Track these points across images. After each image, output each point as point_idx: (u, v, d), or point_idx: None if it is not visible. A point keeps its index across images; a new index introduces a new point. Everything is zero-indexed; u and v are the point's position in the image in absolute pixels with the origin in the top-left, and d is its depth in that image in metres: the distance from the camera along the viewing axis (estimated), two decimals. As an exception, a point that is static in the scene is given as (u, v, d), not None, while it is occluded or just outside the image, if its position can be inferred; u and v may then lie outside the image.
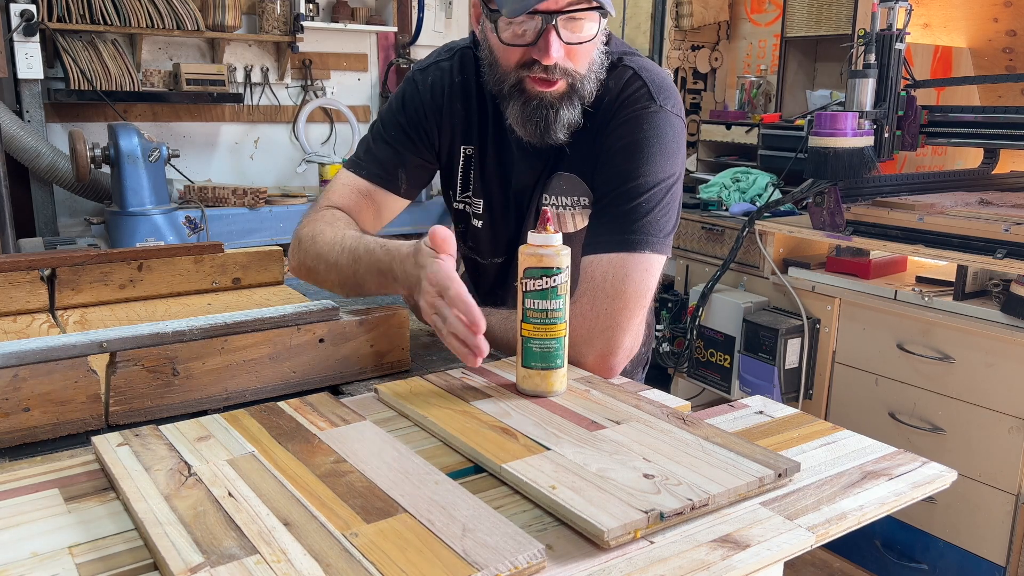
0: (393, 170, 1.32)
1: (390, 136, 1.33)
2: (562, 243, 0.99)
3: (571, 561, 0.70)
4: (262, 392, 1.08)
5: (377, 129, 1.35)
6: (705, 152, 3.34)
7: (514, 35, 1.10)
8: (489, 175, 1.32)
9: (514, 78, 1.14)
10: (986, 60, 3.02)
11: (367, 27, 4.03)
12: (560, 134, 1.17)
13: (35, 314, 1.36)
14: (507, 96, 1.17)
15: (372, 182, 1.32)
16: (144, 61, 3.58)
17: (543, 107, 1.14)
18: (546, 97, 1.14)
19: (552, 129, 1.16)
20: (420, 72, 1.33)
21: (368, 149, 1.35)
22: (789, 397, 2.49)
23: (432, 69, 1.32)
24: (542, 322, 0.99)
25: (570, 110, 1.15)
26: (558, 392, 1.02)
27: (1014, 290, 2.01)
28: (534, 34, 1.09)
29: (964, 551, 2.16)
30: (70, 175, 3.13)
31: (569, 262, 0.99)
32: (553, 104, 1.14)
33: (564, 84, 1.14)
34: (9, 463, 0.89)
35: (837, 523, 0.77)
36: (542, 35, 1.08)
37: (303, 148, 3.99)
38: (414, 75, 1.34)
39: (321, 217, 1.29)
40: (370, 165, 1.33)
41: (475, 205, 1.36)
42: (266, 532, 0.70)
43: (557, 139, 1.18)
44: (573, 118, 1.16)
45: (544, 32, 1.08)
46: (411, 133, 1.32)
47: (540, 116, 1.15)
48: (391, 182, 1.33)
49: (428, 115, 1.30)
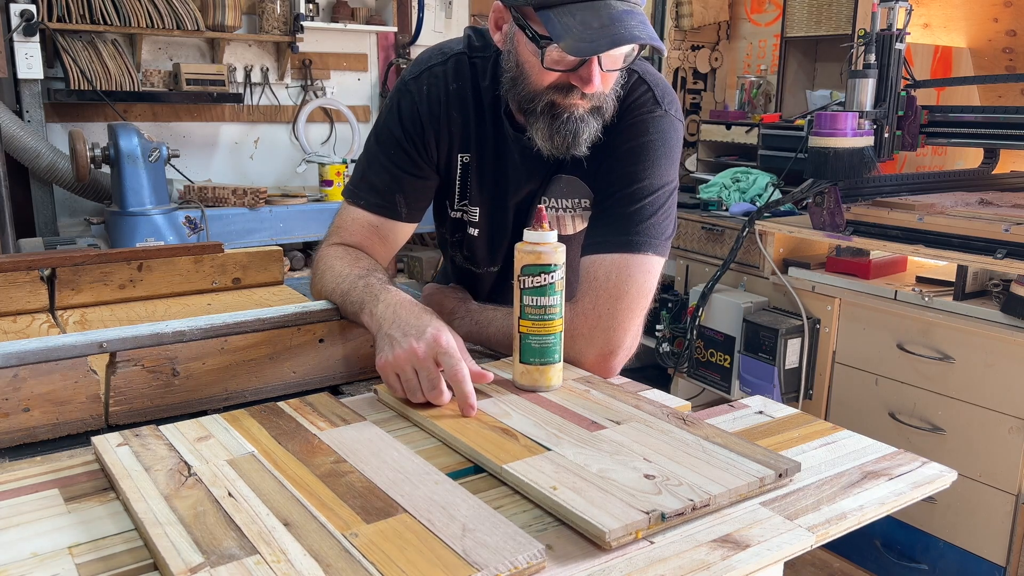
0: (391, 197, 1.27)
1: (387, 157, 1.27)
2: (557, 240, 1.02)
3: (571, 561, 0.70)
4: (262, 392, 1.08)
5: (373, 150, 1.30)
6: (705, 152, 3.34)
7: (553, 60, 1.09)
8: (487, 183, 1.30)
9: (546, 99, 1.14)
10: (986, 60, 3.02)
11: (367, 27, 4.03)
12: (584, 147, 1.17)
13: (35, 314, 1.36)
14: (535, 112, 1.16)
15: (373, 212, 1.28)
16: (144, 61, 3.58)
17: (572, 121, 1.14)
18: (576, 112, 1.14)
19: (578, 143, 1.16)
20: (413, 81, 1.27)
21: (364, 175, 1.29)
22: (789, 397, 2.49)
23: (426, 76, 1.26)
24: (539, 318, 1.02)
25: (594, 126, 1.16)
26: (554, 387, 1.05)
27: (1014, 290, 2.01)
28: (576, 61, 1.08)
29: (964, 551, 2.16)
30: (70, 175, 3.13)
31: (565, 259, 1.02)
32: (583, 118, 1.14)
33: (591, 103, 1.14)
34: (9, 463, 0.89)
35: (837, 523, 0.77)
36: (583, 64, 1.08)
37: (303, 148, 3.99)
38: (407, 85, 1.27)
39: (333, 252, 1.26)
40: (368, 195, 1.28)
41: (471, 213, 1.33)
42: (266, 532, 0.70)
43: (581, 151, 1.18)
44: (595, 132, 1.17)
45: (587, 62, 1.07)
46: (409, 149, 1.26)
47: (568, 131, 1.14)
48: (391, 210, 1.28)
49: (426, 127, 1.26)
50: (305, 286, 1.62)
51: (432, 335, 0.98)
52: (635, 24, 1.03)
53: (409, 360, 0.98)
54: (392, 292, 1.10)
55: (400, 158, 1.27)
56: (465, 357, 1.00)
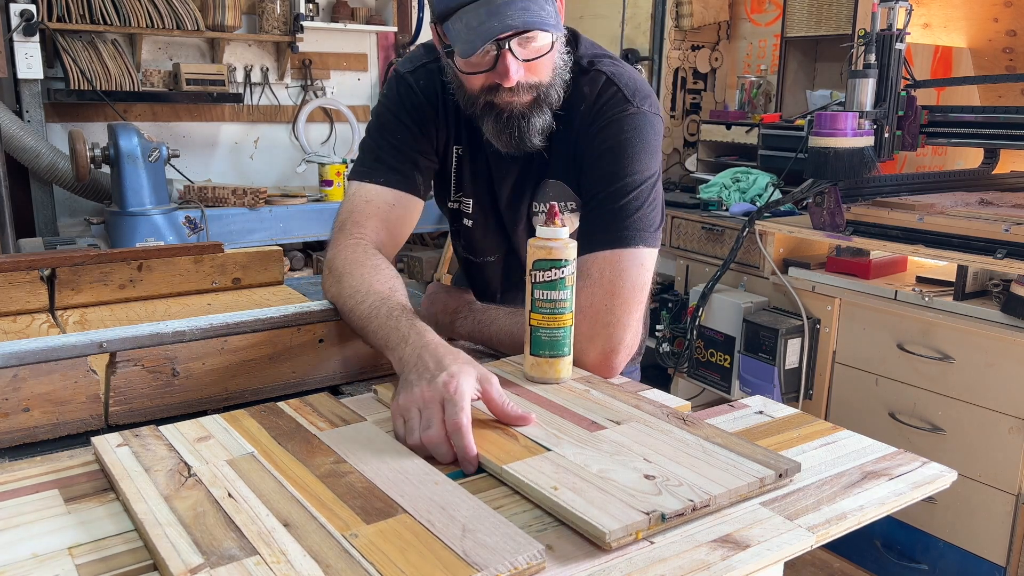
0: (410, 172, 1.27)
1: (396, 139, 1.28)
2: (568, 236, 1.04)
3: (571, 561, 0.70)
4: (262, 392, 1.08)
5: (377, 135, 1.30)
6: (705, 152, 3.34)
7: (471, 64, 1.13)
8: (478, 176, 1.33)
9: (482, 100, 1.18)
10: (986, 60, 3.02)
11: (367, 27, 4.03)
12: (535, 140, 1.20)
13: (35, 314, 1.36)
14: (480, 115, 1.20)
15: (394, 188, 1.26)
16: (144, 61, 3.58)
17: (514, 118, 1.17)
18: (515, 108, 1.17)
19: (526, 137, 1.19)
20: (411, 74, 1.30)
21: (377, 156, 1.28)
22: (789, 397, 2.49)
23: (421, 71, 1.30)
24: (550, 312, 1.04)
25: (541, 117, 1.19)
26: (564, 379, 1.08)
27: (1014, 290, 2.01)
28: (491, 59, 1.11)
29: (964, 551, 2.16)
30: (70, 175, 3.13)
31: (576, 255, 1.05)
32: (524, 114, 1.17)
33: (530, 96, 1.16)
34: (9, 463, 0.88)
35: (837, 523, 0.77)
36: (498, 60, 1.10)
37: (303, 148, 3.99)
38: (403, 77, 1.30)
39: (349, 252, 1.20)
40: (386, 172, 1.26)
41: (465, 205, 1.36)
42: (266, 533, 0.70)
43: (533, 145, 1.21)
44: (545, 124, 1.20)
45: (500, 57, 1.10)
46: (415, 131, 1.28)
47: (513, 127, 1.18)
48: (411, 185, 1.27)
49: (427, 114, 1.29)
50: (305, 286, 1.62)
51: (444, 380, 0.90)
52: (513, 12, 1.06)
53: (415, 403, 0.91)
54: (417, 333, 1.01)
55: (407, 138, 1.28)
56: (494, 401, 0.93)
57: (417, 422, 0.89)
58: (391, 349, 1.02)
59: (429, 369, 0.93)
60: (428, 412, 0.89)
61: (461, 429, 0.86)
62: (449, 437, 0.87)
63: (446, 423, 0.87)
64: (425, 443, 0.87)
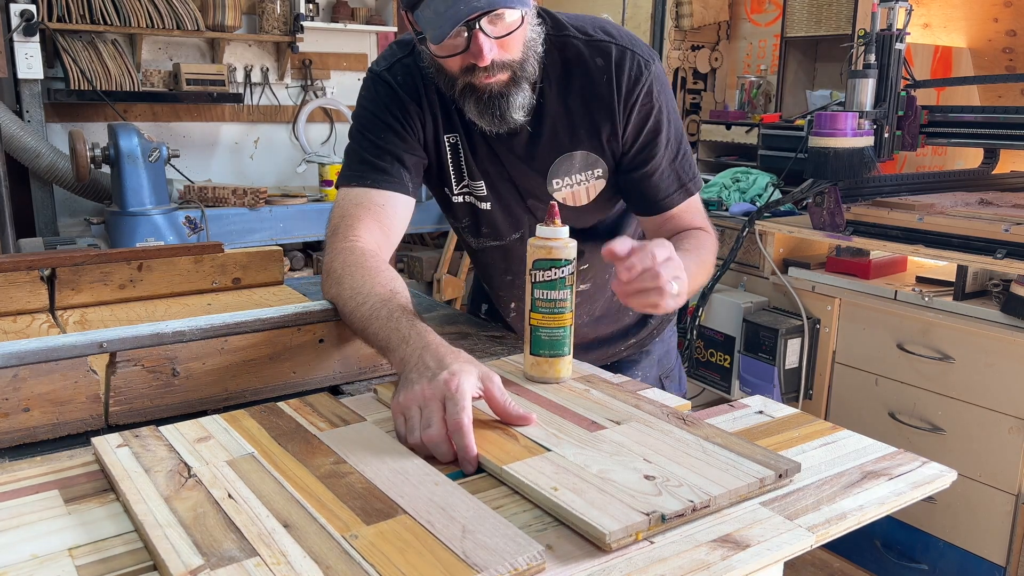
0: (397, 171, 1.27)
1: (379, 139, 1.27)
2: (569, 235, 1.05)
3: (571, 561, 0.70)
4: (262, 392, 1.08)
5: (359, 137, 1.29)
6: (705, 152, 3.34)
7: (444, 48, 1.14)
8: (483, 156, 1.32)
9: (461, 83, 1.19)
10: (986, 60, 3.02)
11: (367, 27, 4.03)
12: (517, 116, 1.22)
13: (35, 314, 1.36)
14: (460, 97, 1.21)
15: (383, 188, 1.25)
16: (144, 61, 3.58)
17: (494, 98, 1.19)
18: (494, 88, 1.18)
19: (508, 115, 1.21)
20: (387, 71, 1.30)
21: (361, 159, 1.27)
22: (789, 397, 2.49)
23: (397, 67, 1.29)
24: (550, 311, 1.05)
25: (520, 94, 1.20)
26: (564, 379, 1.08)
27: (1014, 290, 2.01)
28: (464, 41, 1.12)
29: (964, 551, 2.16)
30: (70, 175, 3.13)
31: (575, 254, 1.05)
32: (503, 93, 1.19)
33: (506, 74, 1.18)
34: (9, 463, 0.88)
35: (837, 523, 0.77)
36: (471, 41, 1.12)
37: (303, 148, 3.99)
38: (379, 75, 1.30)
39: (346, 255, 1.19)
40: (372, 174, 1.26)
41: (476, 189, 1.34)
42: (266, 534, 0.70)
43: (516, 122, 1.22)
44: (526, 99, 1.22)
45: (471, 38, 1.11)
46: (397, 128, 1.27)
47: (494, 106, 1.20)
48: (399, 184, 1.27)
49: (408, 109, 1.28)
50: (305, 286, 1.62)
51: (445, 378, 0.89)
52: None
53: (415, 401, 0.90)
54: (418, 333, 1.00)
55: (390, 137, 1.28)
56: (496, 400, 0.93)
57: (418, 420, 0.89)
58: (392, 350, 1.01)
59: (430, 367, 0.93)
60: (429, 410, 0.88)
61: (462, 428, 0.86)
62: (450, 436, 0.86)
63: (447, 421, 0.87)
64: (425, 441, 0.87)
